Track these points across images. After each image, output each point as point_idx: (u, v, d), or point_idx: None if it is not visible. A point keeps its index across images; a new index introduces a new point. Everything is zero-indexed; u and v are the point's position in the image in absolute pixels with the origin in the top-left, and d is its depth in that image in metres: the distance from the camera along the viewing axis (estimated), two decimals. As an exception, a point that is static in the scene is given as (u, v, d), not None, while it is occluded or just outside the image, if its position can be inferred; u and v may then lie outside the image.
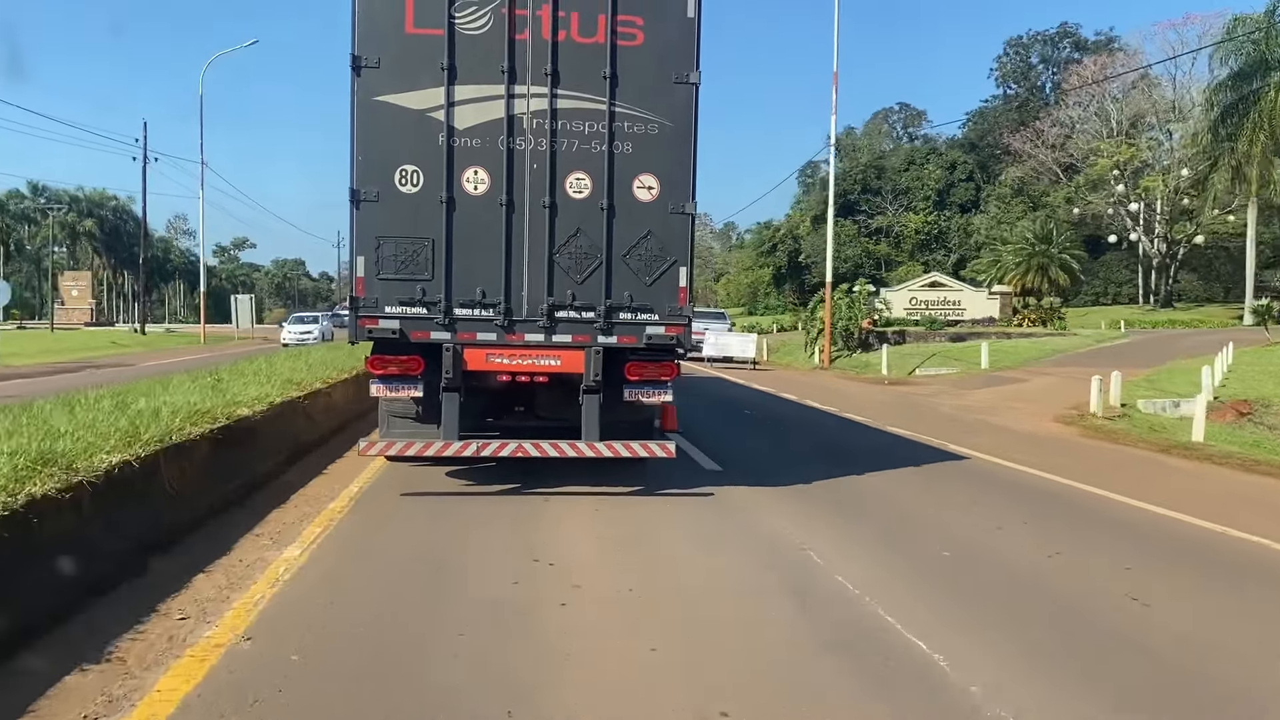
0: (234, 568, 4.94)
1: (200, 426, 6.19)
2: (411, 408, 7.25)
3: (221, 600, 4.36)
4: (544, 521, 6.20)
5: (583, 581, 4.79)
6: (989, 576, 5.16)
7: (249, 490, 6.74)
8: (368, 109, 6.40)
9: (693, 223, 6.83)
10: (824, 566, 5.20)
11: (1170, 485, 8.25)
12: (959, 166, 62.60)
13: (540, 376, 6.92)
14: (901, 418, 13.02)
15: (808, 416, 13.67)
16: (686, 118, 6.68)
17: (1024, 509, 7.10)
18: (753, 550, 5.60)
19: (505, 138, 6.52)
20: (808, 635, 4.14)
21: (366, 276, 6.49)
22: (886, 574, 5.13)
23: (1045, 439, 11.32)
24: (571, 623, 4.18)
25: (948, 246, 62.14)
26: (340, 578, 4.85)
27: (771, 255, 68.46)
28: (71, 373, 19.66)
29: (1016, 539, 6.11)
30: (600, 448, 6.84)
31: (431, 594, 4.60)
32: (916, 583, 4.98)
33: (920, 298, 32.73)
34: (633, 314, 6.74)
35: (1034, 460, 9.33)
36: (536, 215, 6.60)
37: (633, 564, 5.27)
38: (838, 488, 7.76)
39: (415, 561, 5.20)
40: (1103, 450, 10.53)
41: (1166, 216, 49.16)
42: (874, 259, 62.97)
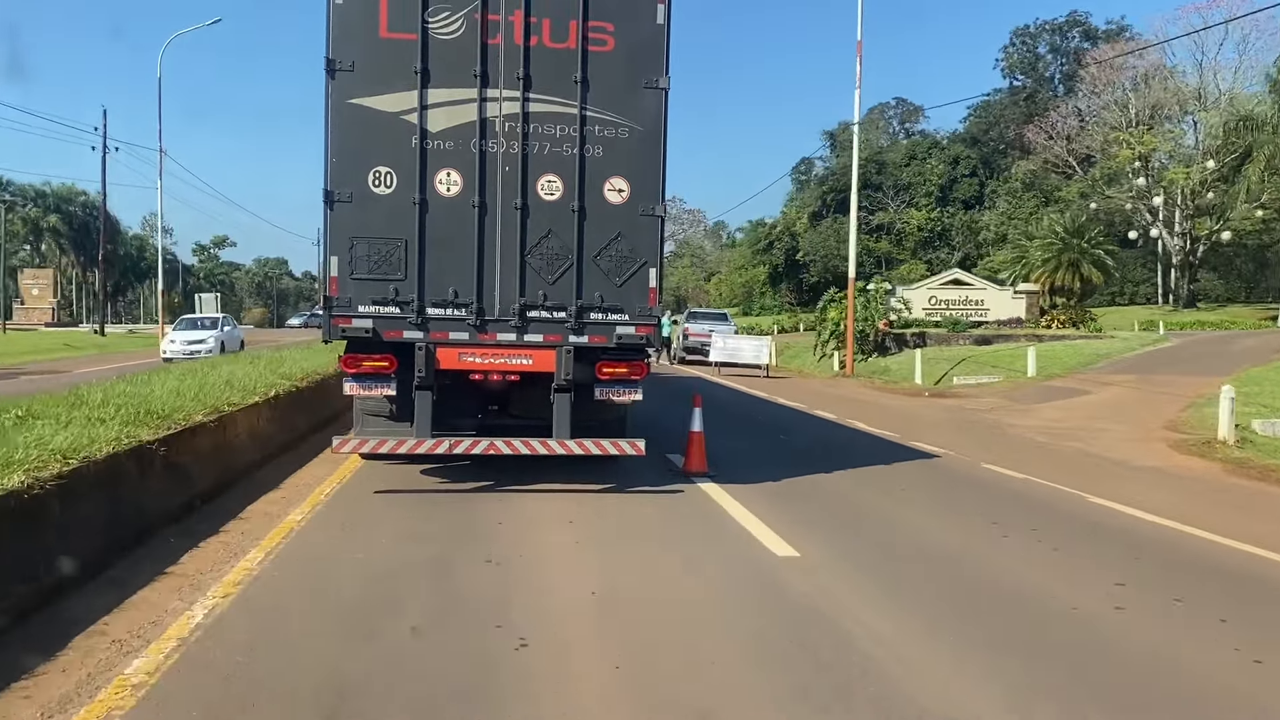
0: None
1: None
2: (385, 406, 7.63)
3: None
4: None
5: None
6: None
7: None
8: (342, 111, 6.79)
9: (662, 225, 7.26)
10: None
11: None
12: (962, 161, 63.10)
13: (512, 375, 7.32)
14: (987, 447, 10.98)
15: (865, 445, 11.23)
16: (656, 122, 7.10)
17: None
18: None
19: (478, 140, 6.91)
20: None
21: (340, 276, 6.87)
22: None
23: (1191, 480, 9.25)
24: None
25: (951, 244, 62.67)
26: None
27: (767, 253, 68.83)
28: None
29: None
30: (571, 445, 7.23)
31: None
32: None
33: (940, 297, 30.93)
34: (603, 314, 7.14)
35: (1225, 524, 6.92)
36: (508, 217, 7.00)
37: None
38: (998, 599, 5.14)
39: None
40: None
41: (1190, 211, 47.72)
42: (874, 257, 63.38)
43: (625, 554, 5.85)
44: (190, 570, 5.18)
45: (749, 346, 23.95)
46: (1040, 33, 66.85)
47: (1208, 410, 12.92)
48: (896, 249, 63.93)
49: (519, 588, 4.99)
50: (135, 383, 8.58)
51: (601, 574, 5.35)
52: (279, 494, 7.31)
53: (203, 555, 5.49)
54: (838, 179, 64.89)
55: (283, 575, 5.13)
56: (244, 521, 6.37)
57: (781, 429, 12.97)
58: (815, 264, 63.23)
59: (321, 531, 6.14)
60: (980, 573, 5.62)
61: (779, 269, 68.21)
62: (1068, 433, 12.72)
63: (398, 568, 5.31)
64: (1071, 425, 13.49)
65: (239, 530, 6.10)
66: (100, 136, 40.14)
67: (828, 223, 64.01)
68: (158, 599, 4.67)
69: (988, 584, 5.36)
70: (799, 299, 67.85)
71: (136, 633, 4.16)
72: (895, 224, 63.59)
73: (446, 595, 4.87)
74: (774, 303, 68.49)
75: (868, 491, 8.21)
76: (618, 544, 6.08)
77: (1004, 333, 27.43)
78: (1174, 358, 22.35)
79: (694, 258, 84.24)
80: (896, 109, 74.18)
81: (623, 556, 5.79)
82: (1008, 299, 32.18)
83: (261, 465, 8.26)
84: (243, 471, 7.77)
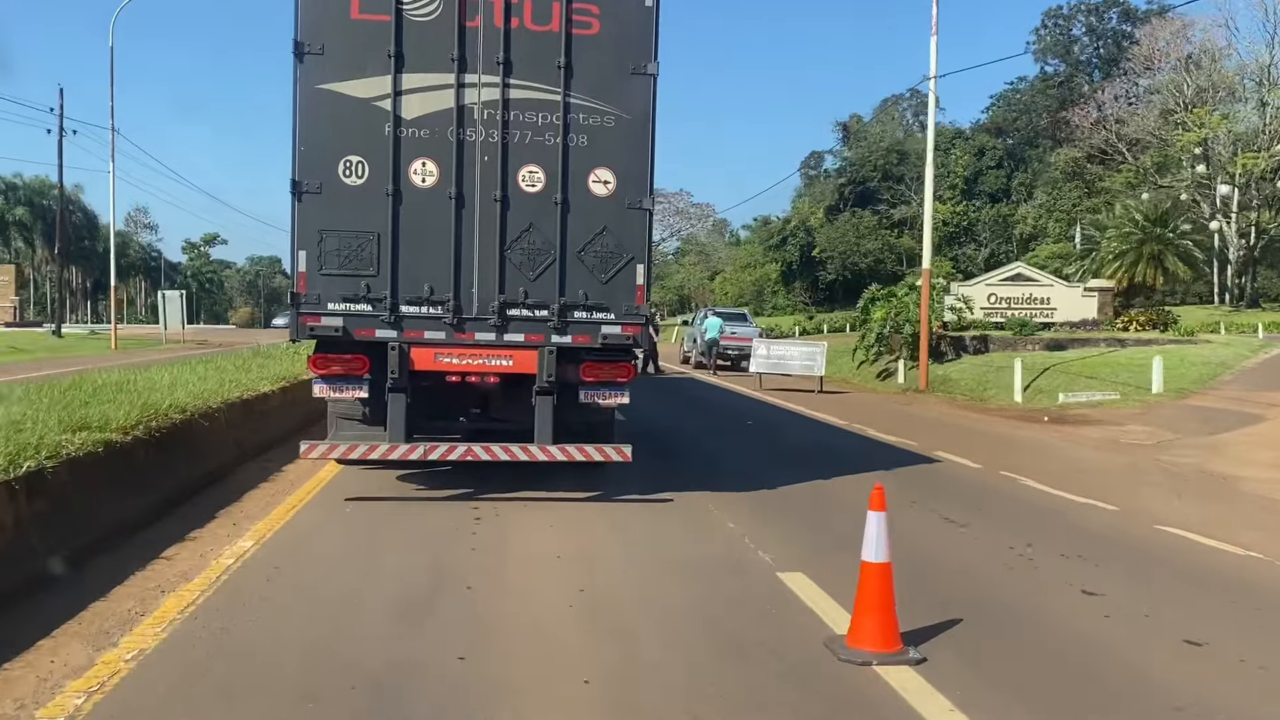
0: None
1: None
2: (358, 409, 7.66)
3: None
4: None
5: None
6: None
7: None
8: (311, 97, 6.80)
9: (650, 218, 7.26)
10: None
11: None
12: (988, 152, 63.02)
13: (491, 377, 7.33)
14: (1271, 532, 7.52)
15: (1087, 525, 7.48)
16: (644, 110, 7.10)
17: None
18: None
19: (455, 128, 6.92)
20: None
21: (308, 272, 6.88)
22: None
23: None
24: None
25: (978, 240, 62.57)
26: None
27: (780, 250, 68.76)
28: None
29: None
30: (553, 451, 7.23)
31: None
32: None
33: (1001, 294, 27.88)
34: (588, 313, 7.15)
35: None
36: (487, 209, 7.01)
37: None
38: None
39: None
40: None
41: (1254, 202, 45.15)
42: (896, 253, 63.32)
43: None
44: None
45: (798, 354, 20.81)
46: (1075, 14, 66.78)
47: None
48: (920, 245, 63.87)
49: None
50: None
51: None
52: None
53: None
54: (856, 170, 64.89)
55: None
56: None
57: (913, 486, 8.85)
58: (833, 260, 63.18)
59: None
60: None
61: (793, 266, 68.17)
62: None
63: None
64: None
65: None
66: (56, 117, 38.38)
67: (845, 217, 63.97)
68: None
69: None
70: (814, 298, 67.78)
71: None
72: (919, 218, 63.48)
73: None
74: (786, 302, 68.40)
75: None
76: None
77: (1078, 336, 24.42)
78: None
79: (702, 254, 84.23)
80: (911, 101, 74.15)
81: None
82: (1077, 297, 28.17)
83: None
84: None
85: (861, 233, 62.57)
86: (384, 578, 5.43)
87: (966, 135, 65.98)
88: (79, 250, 77.36)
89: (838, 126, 73.24)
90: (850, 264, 62.95)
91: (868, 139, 66.94)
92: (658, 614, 4.93)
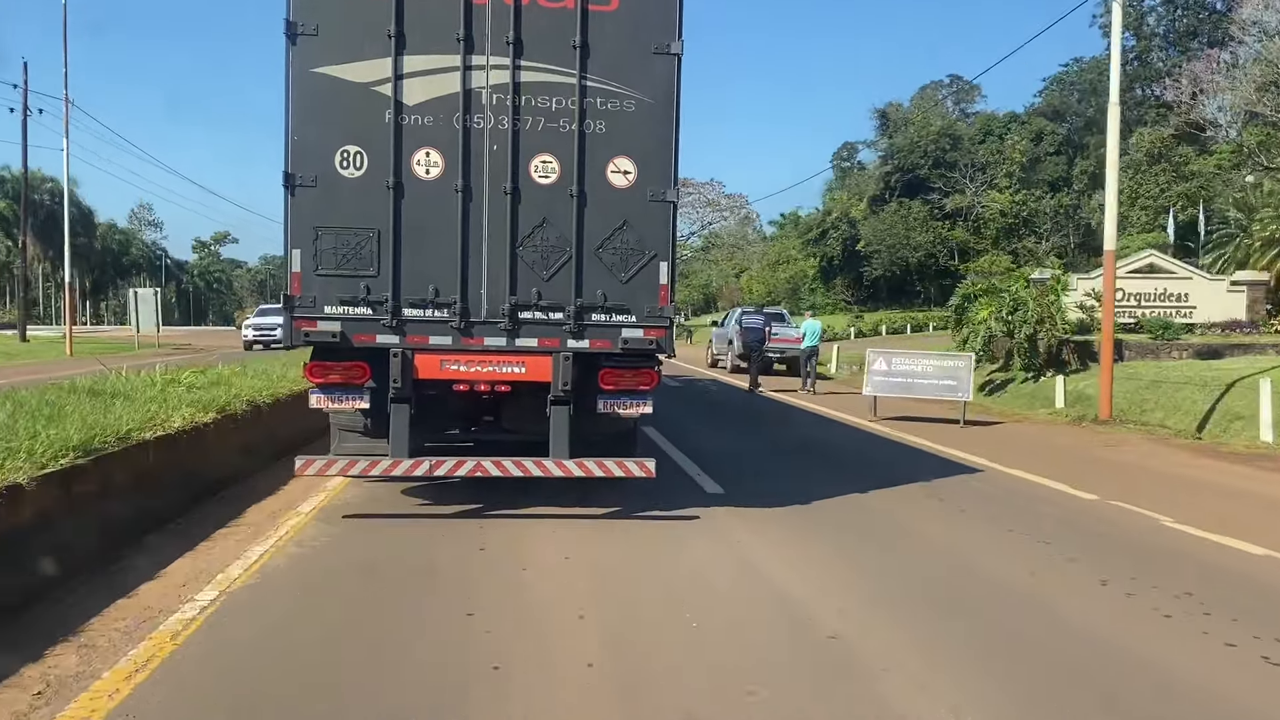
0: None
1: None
2: (359, 420, 7.59)
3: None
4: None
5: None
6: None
7: None
8: (305, 82, 6.72)
9: (674, 211, 7.10)
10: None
11: None
12: (1046, 137, 62.15)
13: (502, 385, 7.21)
14: None
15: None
16: (668, 93, 6.94)
17: None
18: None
19: (461, 115, 6.82)
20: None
21: (303, 272, 6.81)
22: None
23: None
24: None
25: (1038, 232, 61.77)
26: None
27: (820, 244, 68.33)
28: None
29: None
30: (570, 466, 7.13)
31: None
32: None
33: (1130, 290, 24.13)
34: (607, 315, 7.03)
35: None
36: (497, 203, 6.90)
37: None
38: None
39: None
40: None
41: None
42: (948, 247, 62.74)
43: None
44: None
45: (933, 371, 15.67)
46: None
47: None
48: (975, 237, 63.12)
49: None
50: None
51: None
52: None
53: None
54: (904, 157, 64.26)
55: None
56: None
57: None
58: (880, 255, 62.61)
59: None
60: None
61: (834, 262, 67.71)
62: None
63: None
64: None
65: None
66: (21, 93, 35.76)
67: (892, 208, 63.44)
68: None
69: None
70: (857, 296, 67.20)
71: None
72: (974, 209, 62.76)
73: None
74: (826, 300, 67.95)
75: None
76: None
77: (1234, 340, 20.96)
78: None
79: (734, 249, 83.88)
80: (950, 87, 73.58)
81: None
82: (1222, 292, 24.78)
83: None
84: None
85: (910, 224, 62.03)
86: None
87: (1022, 119, 65.15)
88: (74, 248, 78.42)
89: (875, 114, 72.78)
90: (900, 258, 62.35)
91: (912, 125, 66.31)
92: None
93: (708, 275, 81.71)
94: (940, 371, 15.78)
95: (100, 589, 5.38)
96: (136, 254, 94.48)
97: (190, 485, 7.70)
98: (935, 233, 62.32)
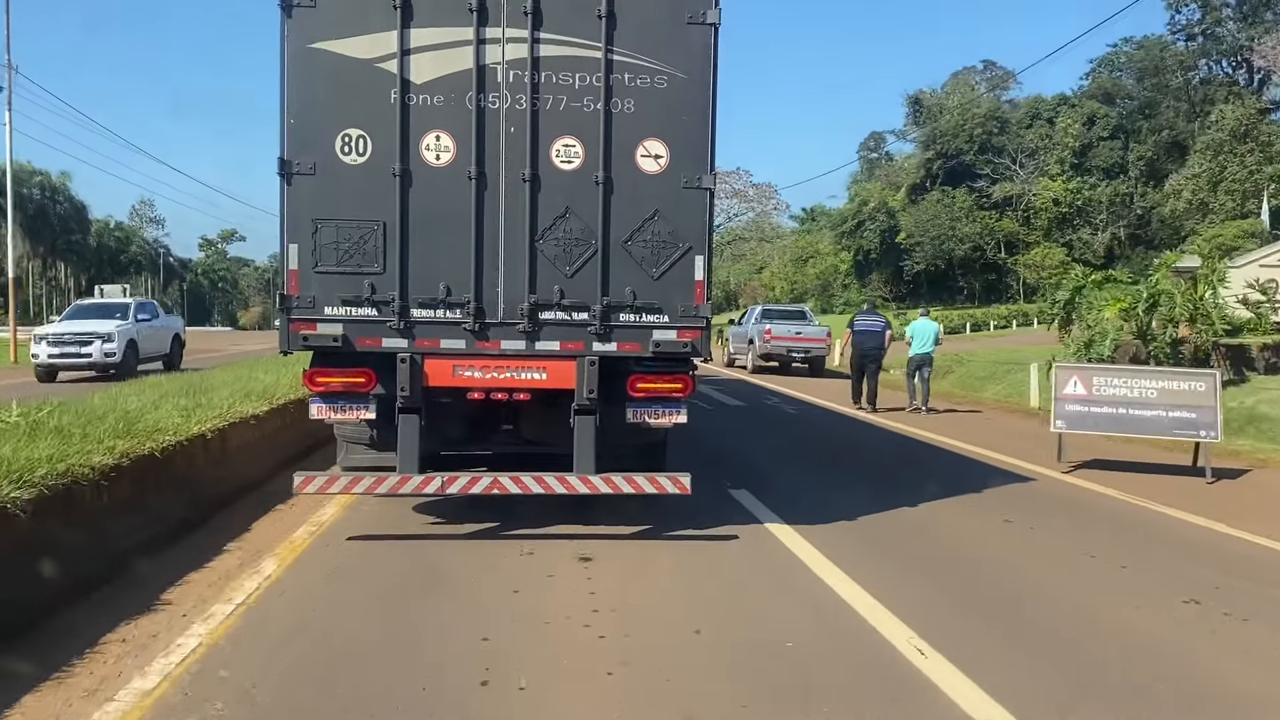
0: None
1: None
2: (365, 431, 7.40)
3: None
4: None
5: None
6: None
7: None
8: (302, 59, 6.49)
9: (711, 200, 6.83)
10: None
11: None
12: (1099, 121, 61.52)
13: (521, 393, 6.98)
14: None
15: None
16: (703, 67, 6.68)
17: None
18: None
19: (474, 94, 6.58)
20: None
21: (301, 269, 6.58)
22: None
23: None
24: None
25: (1093, 223, 61.17)
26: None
27: (855, 237, 67.99)
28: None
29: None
30: (596, 483, 6.87)
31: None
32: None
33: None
34: (636, 315, 6.79)
35: None
36: (514, 191, 6.67)
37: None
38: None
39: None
40: None
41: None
42: (995, 238, 62.22)
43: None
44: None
45: (1159, 397, 11.24)
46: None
47: None
48: (1025, 229, 62.62)
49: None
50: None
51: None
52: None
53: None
54: (947, 141, 63.79)
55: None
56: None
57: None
58: (922, 248, 62.24)
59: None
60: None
61: (870, 255, 67.36)
62: None
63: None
64: None
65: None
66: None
67: (934, 197, 63.07)
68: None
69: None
70: (895, 292, 66.72)
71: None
72: (1024, 197, 62.24)
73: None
74: (861, 298, 67.76)
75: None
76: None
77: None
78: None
79: (764, 241, 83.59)
80: (984, 73, 73.17)
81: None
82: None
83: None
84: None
85: (956, 214, 61.61)
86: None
87: (1072, 102, 64.52)
88: (67, 244, 79.56)
89: (908, 100, 72.60)
90: (945, 250, 61.86)
91: (948, 112, 65.83)
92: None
93: (727, 271, 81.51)
94: (1168, 398, 11.27)
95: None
96: (136, 251, 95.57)
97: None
98: (983, 222, 61.87)
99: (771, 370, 26.73)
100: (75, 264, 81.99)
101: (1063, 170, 60.52)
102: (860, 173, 76.61)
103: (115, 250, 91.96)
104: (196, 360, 23.60)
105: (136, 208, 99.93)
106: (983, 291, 64.68)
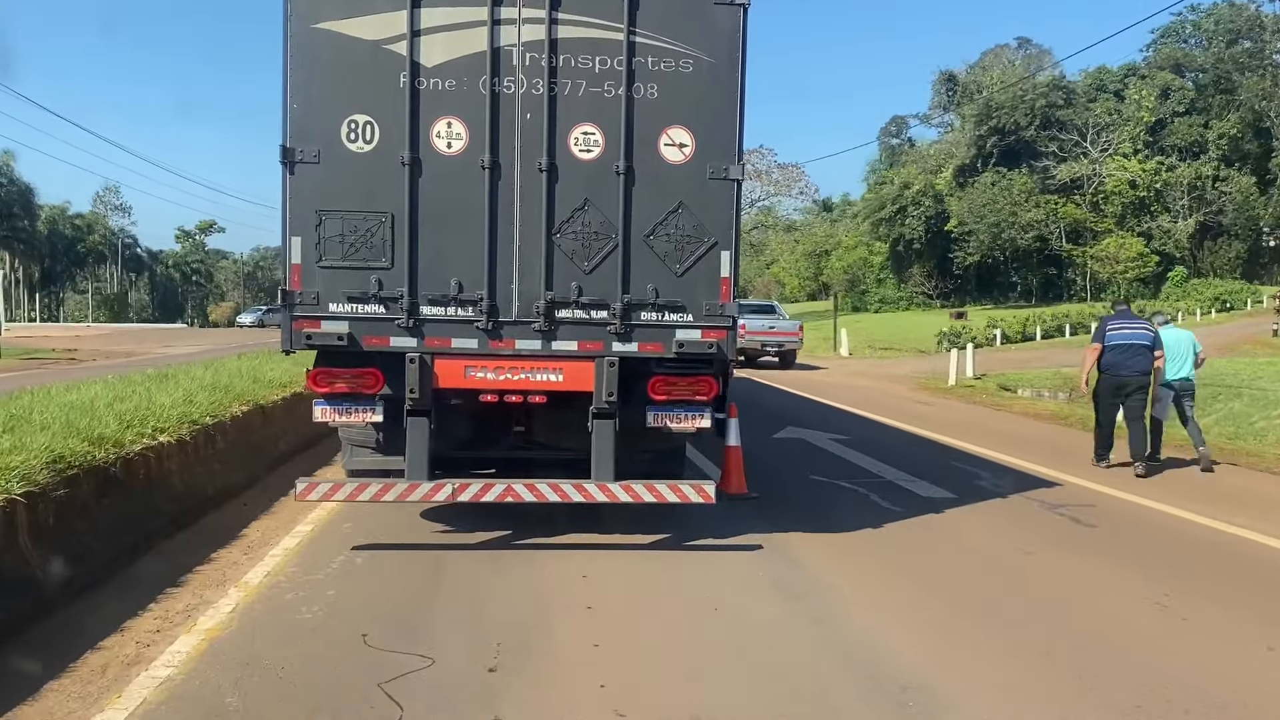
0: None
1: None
2: (372, 434, 7.72)
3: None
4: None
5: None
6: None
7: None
8: (305, 40, 6.78)
9: (739, 191, 7.13)
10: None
11: None
12: (1174, 94, 60.89)
13: (536, 395, 7.27)
14: None
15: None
16: (731, 51, 6.96)
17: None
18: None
19: (488, 78, 6.88)
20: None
21: (304, 264, 6.89)
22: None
23: None
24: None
25: (1171, 210, 60.58)
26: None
27: (895, 224, 67.24)
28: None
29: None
30: (615, 491, 7.19)
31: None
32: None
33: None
34: (659, 313, 7.08)
35: None
36: (530, 182, 6.96)
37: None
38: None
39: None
40: None
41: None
42: (1058, 225, 61.61)
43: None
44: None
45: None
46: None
47: None
48: (1095, 216, 61.88)
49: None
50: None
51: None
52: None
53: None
54: (1005, 115, 63.19)
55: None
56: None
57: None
58: (978, 236, 61.48)
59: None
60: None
61: (913, 246, 66.66)
62: None
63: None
64: None
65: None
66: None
67: (988, 179, 62.32)
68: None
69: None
70: (940, 288, 65.97)
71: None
72: (1093, 179, 61.53)
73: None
74: (899, 294, 67.15)
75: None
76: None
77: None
78: None
79: (788, 230, 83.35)
80: (1019, 50, 72.81)
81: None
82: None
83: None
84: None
85: (1015, 198, 60.78)
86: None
87: (1142, 72, 63.84)
88: (16, 234, 79.74)
89: (941, 78, 72.47)
90: (1006, 240, 60.97)
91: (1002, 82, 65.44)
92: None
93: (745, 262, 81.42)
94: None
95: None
96: (96, 241, 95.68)
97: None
98: (1047, 207, 60.97)
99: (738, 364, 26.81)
100: (22, 253, 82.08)
101: (1135, 149, 60.10)
102: (879, 159, 76.33)
103: (71, 239, 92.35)
104: (72, 370, 23.35)
105: (101, 195, 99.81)
106: (1040, 288, 63.59)
